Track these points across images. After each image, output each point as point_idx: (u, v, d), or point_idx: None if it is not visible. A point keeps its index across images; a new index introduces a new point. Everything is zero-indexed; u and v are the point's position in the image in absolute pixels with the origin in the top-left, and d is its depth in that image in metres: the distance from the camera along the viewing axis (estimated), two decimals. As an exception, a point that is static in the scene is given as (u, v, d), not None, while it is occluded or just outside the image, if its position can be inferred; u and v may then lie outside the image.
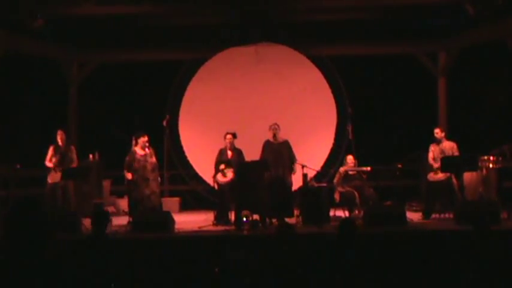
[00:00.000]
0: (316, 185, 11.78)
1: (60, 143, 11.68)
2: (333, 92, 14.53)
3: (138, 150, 11.35)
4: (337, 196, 11.74)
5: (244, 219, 10.49)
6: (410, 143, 13.49)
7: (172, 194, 14.46)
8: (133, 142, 11.47)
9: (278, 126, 11.56)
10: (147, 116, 14.31)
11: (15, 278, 4.43)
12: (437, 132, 11.58)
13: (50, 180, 11.57)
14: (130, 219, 10.75)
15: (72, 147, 11.94)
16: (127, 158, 11.35)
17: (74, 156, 11.80)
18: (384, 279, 6.05)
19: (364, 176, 11.84)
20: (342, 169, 11.98)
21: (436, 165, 11.35)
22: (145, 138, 11.38)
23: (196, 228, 10.68)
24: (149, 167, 11.33)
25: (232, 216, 11.16)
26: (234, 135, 11.69)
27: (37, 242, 4.75)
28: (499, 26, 12.65)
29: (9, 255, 4.48)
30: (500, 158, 11.76)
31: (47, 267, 4.66)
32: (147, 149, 11.37)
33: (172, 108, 14.45)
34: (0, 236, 4.91)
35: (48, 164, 11.61)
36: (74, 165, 11.79)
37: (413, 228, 10.37)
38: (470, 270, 6.26)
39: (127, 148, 11.64)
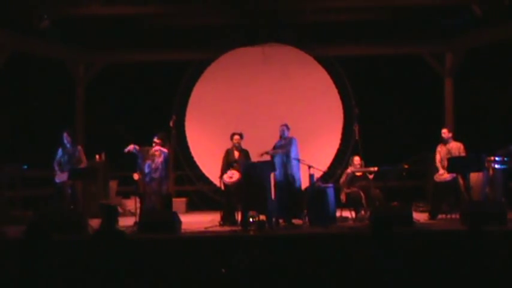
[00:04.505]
0: (322, 185, 11.77)
1: (67, 144, 11.66)
2: (339, 92, 14.51)
3: (152, 149, 11.42)
4: (343, 197, 11.74)
5: (251, 219, 10.50)
6: (416, 144, 13.44)
7: (178, 195, 14.47)
8: None
9: (287, 126, 11.50)
10: (154, 116, 14.34)
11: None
12: (445, 133, 11.57)
13: (57, 180, 11.56)
14: (137, 220, 10.76)
15: (80, 148, 11.91)
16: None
17: (83, 156, 11.75)
18: (391, 279, 6.04)
19: (371, 177, 11.82)
20: (348, 170, 11.97)
21: (442, 168, 11.34)
22: (154, 139, 11.40)
23: (203, 229, 10.69)
24: (153, 166, 11.36)
25: (238, 216, 11.16)
26: (241, 136, 11.70)
27: None
28: (506, 27, 12.64)
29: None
30: (506, 158, 11.74)
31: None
32: (153, 149, 11.40)
33: (178, 109, 14.48)
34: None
35: (57, 166, 11.57)
36: (83, 165, 11.73)
37: (420, 228, 10.35)
38: (477, 270, 6.25)
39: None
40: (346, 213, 11.72)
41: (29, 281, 6.02)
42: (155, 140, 11.40)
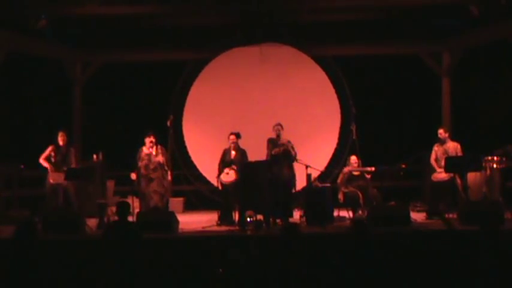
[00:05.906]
0: (320, 185, 11.77)
1: (60, 143, 11.66)
2: (336, 92, 14.53)
3: (145, 149, 11.42)
4: (341, 196, 11.75)
5: (248, 219, 10.48)
6: (414, 143, 13.45)
7: (176, 194, 14.44)
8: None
9: (281, 126, 11.50)
10: (151, 116, 14.32)
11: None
12: (441, 133, 11.57)
13: (51, 180, 11.55)
14: (134, 220, 10.75)
15: (72, 149, 11.91)
16: (137, 155, 11.44)
17: (73, 158, 11.78)
18: (388, 279, 6.04)
19: (368, 176, 11.84)
20: (345, 169, 11.98)
21: (438, 166, 11.36)
22: (150, 138, 11.41)
23: (200, 229, 10.69)
24: (151, 166, 11.37)
25: (236, 216, 11.16)
26: (238, 136, 11.69)
27: None
28: (503, 26, 12.64)
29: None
30: (504, 158, 11.75)
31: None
32: (150, 149, 11.40)
33: (176, 109, 14.49)
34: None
35: (43, 161, 11.58)
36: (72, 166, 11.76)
37: (417, 228, 10.35)
38: (475, 270, 6.25)
39: (130, 148, 11.70)
40: (344, 213, 11.73)
41: (22, 281, 6.01)
42: (152, 139, 11.41)
